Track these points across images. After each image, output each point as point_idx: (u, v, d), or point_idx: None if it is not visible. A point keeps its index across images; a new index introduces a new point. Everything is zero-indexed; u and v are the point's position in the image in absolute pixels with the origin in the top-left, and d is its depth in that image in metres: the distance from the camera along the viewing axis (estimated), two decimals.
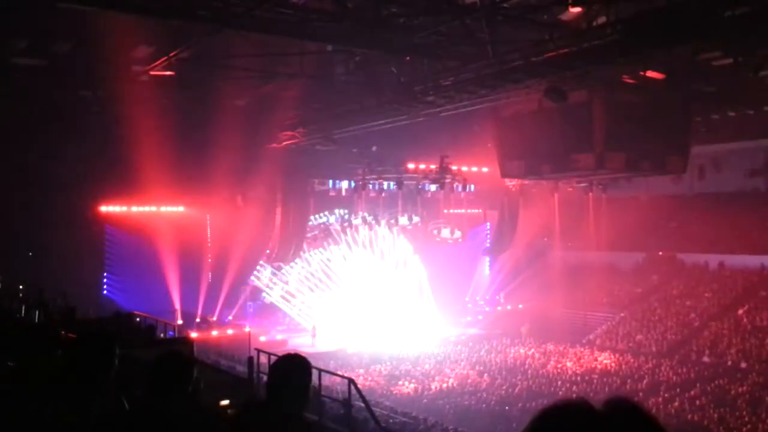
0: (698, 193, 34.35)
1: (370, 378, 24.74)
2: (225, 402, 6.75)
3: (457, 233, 33.58)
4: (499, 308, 36.17)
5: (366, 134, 24.05)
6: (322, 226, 34.28)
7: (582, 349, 29.24)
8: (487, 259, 38.40)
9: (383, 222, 34.03)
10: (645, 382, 24.09)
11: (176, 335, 17.59)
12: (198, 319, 28.13)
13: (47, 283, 18.53)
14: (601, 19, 13.89)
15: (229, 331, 27.65)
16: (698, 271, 32.56)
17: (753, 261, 30.20)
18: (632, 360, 26.98)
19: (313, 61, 18.02)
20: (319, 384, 10.88)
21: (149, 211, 25.46)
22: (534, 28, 14.85)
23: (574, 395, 20.20)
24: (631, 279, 34.36)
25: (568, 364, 26.95)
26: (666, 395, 22.29)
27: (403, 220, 33.52)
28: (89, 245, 25.78)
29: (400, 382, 24.03)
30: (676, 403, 21.47)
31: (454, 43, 15.37)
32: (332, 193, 33.28)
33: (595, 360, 27.61)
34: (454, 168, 29.32)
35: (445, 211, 35.02)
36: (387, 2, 13.64)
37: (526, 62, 15.17)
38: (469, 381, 24.58)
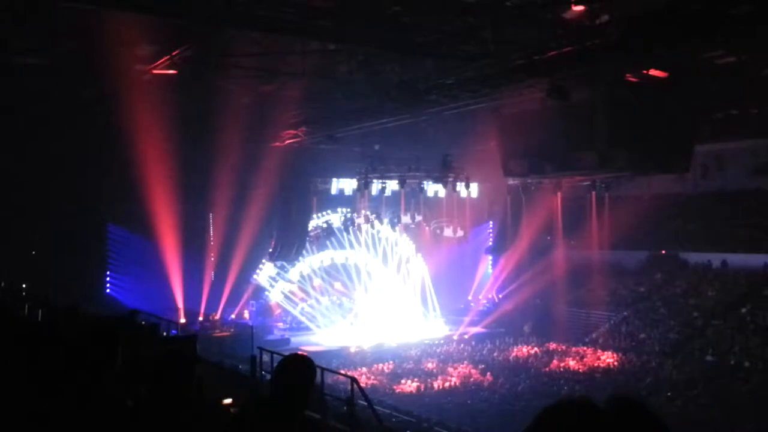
0: (701, 191, 34.23)
1: (372, 377, 24.77)
2: (228, 400, 6.75)
3: (460, 232, 33.55)
4: (499, 306, 36.11)
5: (368, 133, 24.05)
6: (324, 225, 34.28)
7: (585, 348, 29.22)
8: (490, 257, 38.36)
9: (386, 221, 34.03)
10: (648, 381, 24.07)
11: (179, 333, 17.66)
12: (201, 318, 28.17)
13: (50, 282, 18.61)
14: (604, 18, 13.87)
15: (232, 330, 27.68)
16: (701, 269, 32.48)
17: (756, 260, 30.09)
18: (635, 359, 26.96)
19: (316, 59, 18.02)
20: (322, 382, 10.89)
21: (152, 209, 25.41)
22: (537, 26, 14.83)
23: (576, 394, 20.18)
24: (633, 278, 34.30)
25: (571, 362, 26.94)
26: (669, 394, 22.27)
27: (406, 218, 33.50)
28: (92, 244, 25.82)
29: (403, 381, 24.04)
30: (679, 402, 21.46)
31: (456, 41, 15.36)
32: (335, 192, 33.28)
33: (598, 359, 27.59)
34: (456, 167, 29.32)
35: (448, 209, 34.97)
36: (390, 1, 13.63)
37: (528, 61, 15.16)
38: (472, 380, 24.59)
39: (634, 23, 13.16)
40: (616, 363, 26.79)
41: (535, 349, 29.25)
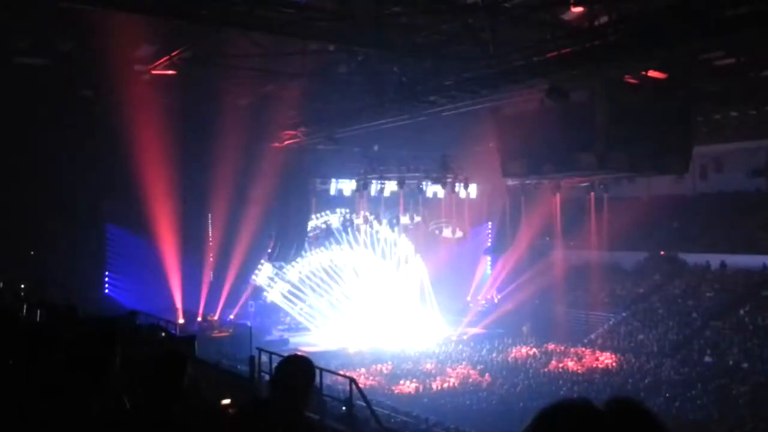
0: (700, 193, 34.29)
1: (371, 377, 24.75)
2: (226, 401, 6.75)
3: (459, 233, 33.56)
4: (498, 307, 36.14)
5: (368, 134, 24.05)
6: (323, 225, 34.29)
7: (583, 349, 29.23)
8: (489, 258, 38.38)
9: (385, 221, 34.04)
10: (646, 381, 24.09)
11: (178, 334, 17.64)
12: (199, 318, 28.15)
13: (49, 282, 18.59)
14: (603, 19, 13.88)
15: (231, 330, 27.66)
16: (700, 270, 32.52)
17: (755, 261, 30.14)
18: (634, 359, 26.97)
19: (315, 60, 18.03)
20: (321, 383, 10.88)
21: (151, 209, 25.47)
22: (536, 27, 14.84)
23: (575, 395, 20.19)
24: (632, 278, 34.33)
25: (570, 363, 26.95)
26: (667, 395, 22.29)
27: (405, 219, 33.52)
28: (90, 244, 25.79)
29: (402, 382, 24.03)
30: (678, 403, 21.47)
31: (455, 42, 15.37)
32: (333, 193, 33.29)
33: (597, 359, 27.61)
34: (455, 167, 29.33)
35: (447, 210, 34.97)
36: (389, 2, 13.64)
37: (527, 62, 15.17)
38: (471, 380, 24.59)
39: (633, 24, 13.18)
40: (614, 364, 26.80)
41: (534, 349, 29.25)
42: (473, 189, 32.98)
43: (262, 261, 31.51)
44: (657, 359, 26.55)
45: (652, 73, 18.03)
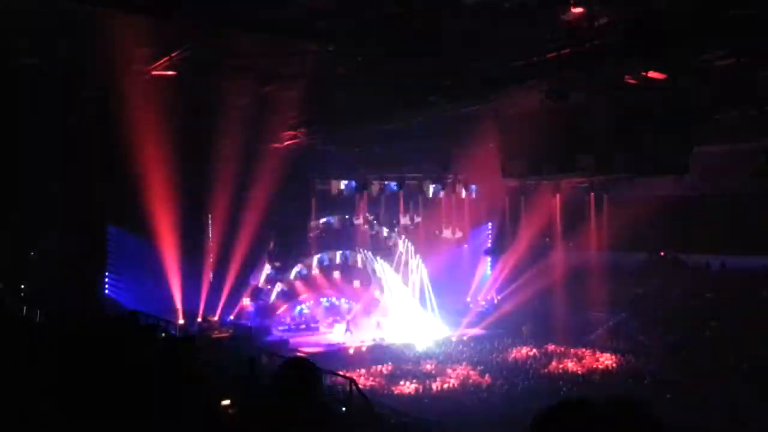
0: (700, 193, 34.24)
1: (371, 378, 24.74)
2: (226, 401, 6.75)
3: (459, 233, 33.58)
4: (498, 307, 36.13)
5: (368, 134, 24.06)
6: (323, 226, 34.29)
7: (583, 350, 29.22)
8: (489, 259, 38.39)
9: (385, 222, 34.06)
10: (646, 382, 24.08)
11: (177, 334, 17.66)
12: (199, 319, 28.14)
13: (49, 282, 18.62)
14: (603, 19, 13.89)
15: (231, 331, 27.65)
16: (700, 271, 32.52)
17: (755, 262, 30.15)
18: (633, 360, 26.97)
19: (315, 60, 18.04)
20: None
21: (150, 210, 25.50)
22: (536, 28, 14.85)
23: (575, 395, 20.15)
24: (632, 279, 34.31)
25: (570, 364, 26.95)
26: (667, 396, 22.27)
27: (405, 220, 33.53)
28: (90, 245, 25.78)
29: (401, 382, 24.01)
30: (678, 404, 21.45)
31: (456, 42, 15.38)
32: (334, 193, 33.29)
33: (597, 360, 27.60)
34: (455, 168, 29.34)
35: (447, 211, 34.98)
36: (389, 2, 13.65)
37: (527, 62, 15.19)
38: (471, 381, 24.57)
39: (632, 25, 13.19)
40: (614, 364, 26.80)
41: (534, 350, 29.23)
42: (473, 190, 32.97)
43: (263, 261, 31.50)
44: (657, 360, 26.54)
45: (652, 73, 18.02)
